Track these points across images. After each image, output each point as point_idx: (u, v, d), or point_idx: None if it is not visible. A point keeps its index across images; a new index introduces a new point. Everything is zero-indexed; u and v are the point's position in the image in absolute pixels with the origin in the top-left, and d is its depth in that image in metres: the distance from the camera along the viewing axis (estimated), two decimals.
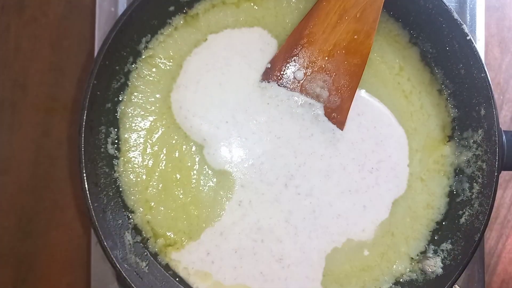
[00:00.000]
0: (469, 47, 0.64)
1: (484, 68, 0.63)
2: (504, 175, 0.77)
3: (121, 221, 0.66)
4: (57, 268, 0.76)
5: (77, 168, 0.62)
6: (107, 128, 0.66)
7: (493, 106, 0.63)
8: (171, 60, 0.69)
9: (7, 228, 0.76)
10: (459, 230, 0.66)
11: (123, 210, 0.67)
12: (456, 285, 0.64)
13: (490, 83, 0.63)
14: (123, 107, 0.68)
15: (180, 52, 0.69)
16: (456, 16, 0.64)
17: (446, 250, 0.66)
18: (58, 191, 0.77)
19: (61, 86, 0.78)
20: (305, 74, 0.68)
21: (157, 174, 0.68)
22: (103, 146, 0.66)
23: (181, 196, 0.68)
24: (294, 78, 0.68)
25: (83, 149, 0.62)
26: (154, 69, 0.69)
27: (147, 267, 0.66)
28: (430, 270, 0.66)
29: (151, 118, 0.69)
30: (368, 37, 0.65)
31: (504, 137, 0.63)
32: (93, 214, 0.62)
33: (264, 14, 0.70)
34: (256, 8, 0.70)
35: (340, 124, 0.68)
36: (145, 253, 0.67)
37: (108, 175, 0.66)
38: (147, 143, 0.68)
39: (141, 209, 0.68)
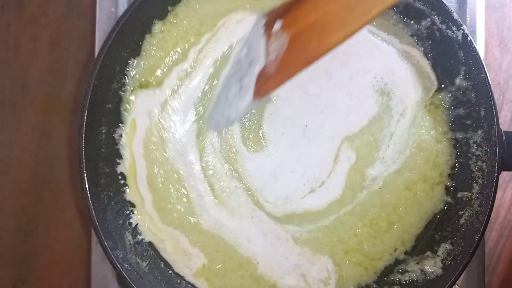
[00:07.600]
0: (469, 47, 0.64)
1: (484, 69, 0.63)
2: (504, 175, 0.77)
3: (121, 221, 0.66)
4: (57, 268, 0.76)
5: (77, 168, 0.62)
6: (107, 128, 0.66)
7: (493, 106, 0.62)
8: None
9: (7, 228, 0.76)
10: (459, 230, 0.66)
11: (124, 209, 0.67)
12: (456, 285, 0.64)
13: (490, 83, 0.63)
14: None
15: None
16: (456, 16, 0.64)
17: (446, 250, 0.66)
18: (58, 191, 0.76)
19: (61, 86, 0.77)
20: (281, 27, 0.57)
21: (161, 171, 0.68)
22: (103, 146, 0.66)
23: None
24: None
25: (83, 149, 0.62)
26: None
27: (147, 267, 0.66)
28: (430, 270, 0.66)
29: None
30: (342, 29, 0.52)
31: (504, 137, 0.63)
32: (94, 214, 0.62)
33: None
34: None
35: (257, 94, 0.58)
36: (146, 253, 0.67)
37: (108, 175, 0.66)
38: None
39: None
